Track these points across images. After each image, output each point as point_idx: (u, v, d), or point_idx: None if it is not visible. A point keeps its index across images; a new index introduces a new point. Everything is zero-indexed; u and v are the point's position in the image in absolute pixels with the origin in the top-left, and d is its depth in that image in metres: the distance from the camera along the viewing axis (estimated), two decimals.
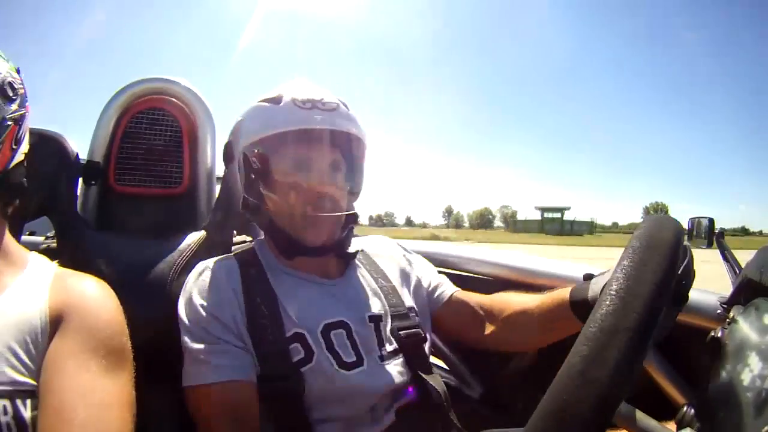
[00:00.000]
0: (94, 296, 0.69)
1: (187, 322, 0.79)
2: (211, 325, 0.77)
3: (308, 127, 0.83)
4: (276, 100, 0.87)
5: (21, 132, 0.71)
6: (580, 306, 0.77)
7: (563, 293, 0.82)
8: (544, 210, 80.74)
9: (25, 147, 0.72)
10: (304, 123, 0.83)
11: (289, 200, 0.85)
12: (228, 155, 0.93)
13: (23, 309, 0.63)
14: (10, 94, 0.69)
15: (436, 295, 1.00)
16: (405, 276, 0.99)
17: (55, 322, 0.64)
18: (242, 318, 0.79)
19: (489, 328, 0.94)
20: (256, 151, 0.86)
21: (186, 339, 0.78)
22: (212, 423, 0.72)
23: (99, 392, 0.60)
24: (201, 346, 0.76)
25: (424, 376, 0.85)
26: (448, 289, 1.01)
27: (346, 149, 0.90)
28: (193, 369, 0.76)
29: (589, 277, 0.79)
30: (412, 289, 0.97)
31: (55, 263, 0.75)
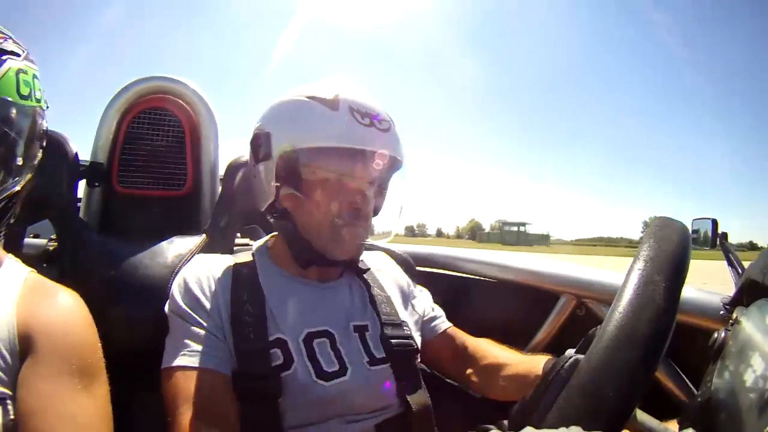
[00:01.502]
0: (64, 315, 0.68)
1: (173, 305, 0.79)
2: (197, 311, 0.77)
3: (367, 149, 0.80)
4: (332, 104, 0.81)
5: None
6: None
7: (539, 361, 0.82)
8: (504, 224, 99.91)
9: None
10: (362, 142, 0.79)
11: (324, 212, 0.82)
12: (262, 152, 0.84)
13: None
14: (43, 142, 0.72)
15: (432, 324, 0.99)
16: (403, 295, 0.97)
17: (25, 341, 0.63)
18: (226, 311, 0.78)
19: (466, 370, 0.95)
20: (298, 154, 0.81)
21: (171, 323, 0.78)
22: (179, 406, 0.71)
23: (80, 415, 0.61)
24: (183, 329, 0.76)
25: (407, 389, 0.83)
26: (443, 322, 1.01)
27: (385, 169, 0.87)
28: (172, 351, 0.75)
29: None
30: (407, 309, 0.96)
31: (28, 269, 0.73)
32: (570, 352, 0.66)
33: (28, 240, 1.09)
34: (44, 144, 0.72)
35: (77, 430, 0.60)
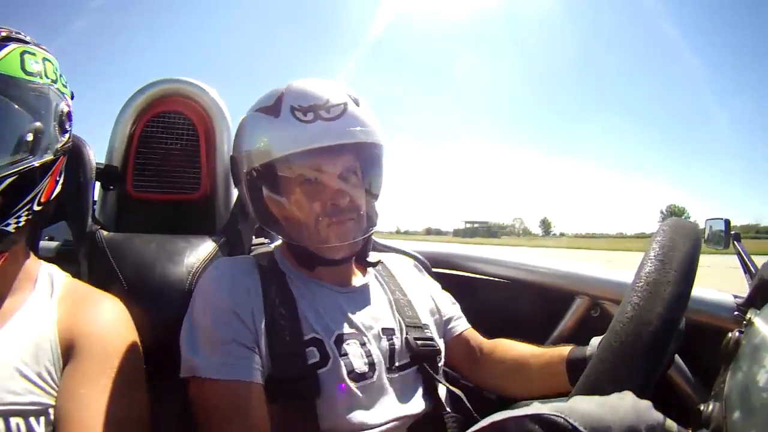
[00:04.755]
0: (106, 322, 0.70)
1: (201, 312, 0.78)
2: (229, 320, 0.76)
3: (311, 148, 0.78)
4: (273, 110, 0.81)
5: (64, 162, 0.73)
6: (576, 364, 0.79)
7: (563, 350, 0.83)
8: (467, 222, 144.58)
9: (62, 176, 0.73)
10: (306, 142, 0.78)
11: (306, 214, 0.82)
12: (235, 176, 0.88)
13: (35, 330, 0.64)
14: (67, 126, 0.72)
15: (450, 326, 0.99)
16: (423, 297, 0.98)
17: (67, 350, 0.65)
18: (261, 316, 0.77)
19: (484, 371, 0.96)
20: (261, 171, 0.82)
21: (197, 328, 0.77)
22: (214, 418, 0.71)
23: (119, 417, 0.62)
24: (215, 338, 0.75)
25: (434, 388, 0.84)
26: (461, 324, 1.01)
27: (359, 151, 0.85)
28: (203, 360, 0.74)
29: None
30: (428, 310, 0.96)
31: (65, 274, 0.75)
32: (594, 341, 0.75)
33: (42, 243, 1.10)
34: (68, 128, 0.72)
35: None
